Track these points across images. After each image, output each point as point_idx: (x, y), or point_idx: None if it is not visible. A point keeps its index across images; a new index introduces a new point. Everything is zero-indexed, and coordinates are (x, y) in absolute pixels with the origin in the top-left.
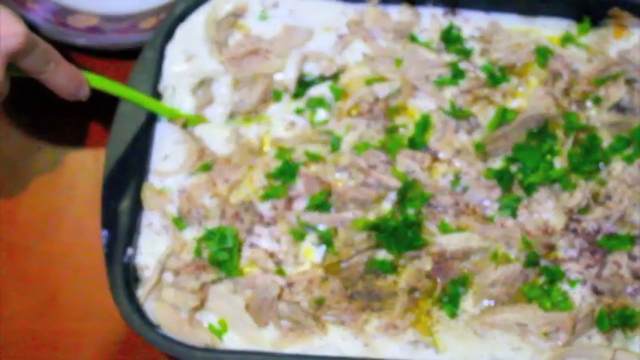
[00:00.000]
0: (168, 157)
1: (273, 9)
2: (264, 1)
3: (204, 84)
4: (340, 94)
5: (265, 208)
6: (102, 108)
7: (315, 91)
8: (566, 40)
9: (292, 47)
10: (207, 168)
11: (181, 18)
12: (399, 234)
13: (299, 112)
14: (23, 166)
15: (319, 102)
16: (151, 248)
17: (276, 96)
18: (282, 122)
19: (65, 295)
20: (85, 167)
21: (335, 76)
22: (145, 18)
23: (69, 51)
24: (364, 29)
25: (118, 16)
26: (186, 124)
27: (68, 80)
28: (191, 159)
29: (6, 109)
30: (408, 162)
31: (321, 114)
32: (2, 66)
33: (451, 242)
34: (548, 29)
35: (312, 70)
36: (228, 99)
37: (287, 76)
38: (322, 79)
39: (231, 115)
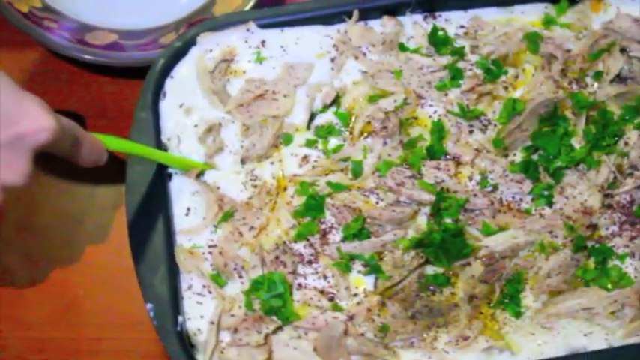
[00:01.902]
0: (191, 211)
1: (262, 48)
2: (251, 42)
3: (212, 131)
4: (346, 118)
5: (301, 246)
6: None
7: (320, 120)
8: (548, 22)
9: (297, 85)
10: (228, 216)
11: (164, 74)
12: (446, 245)
13: (310, 144)
14: (43, 173)
15: (329, 130)
16: (198, 311)
17: (287, 139)
18: (294, 158)
19: (86, 302)
20: (105, 174)
21: (335, 101)
22: (165, 33)
23: (87, 68)
24: (352, 47)
25: (137, 32)
26: (200, 173)
27: (90, 154)
28: (212, 211)
29: None
30: (434, 173)
31: (333, 141)
32: (30, 160)
33: (498, 242)
34: (527, 15)
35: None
36: (238, 146)
37: (298, 119)
38: (325, 107)
39: (243, 161)
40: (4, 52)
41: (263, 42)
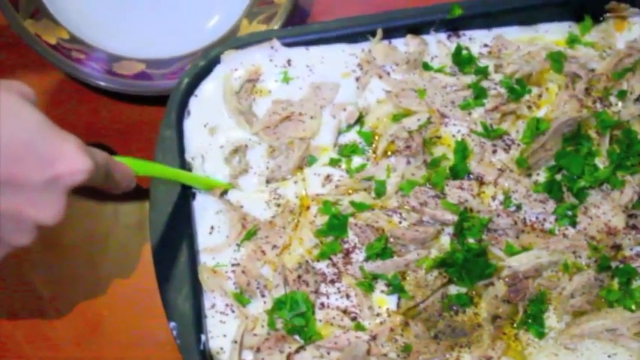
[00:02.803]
0: (214, 229)
1: (288, 67)
2: (276, 60)
3: (238, 152)
4: (370, 137)
5: (324, 265)
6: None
7: (344, 139)
8: (572, 41)
9: (323, 106)
10: (251, 235)
11: (188, 92)
12: (469, 265)
13: (333, 163)
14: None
15: (353, 149)
16: (221, 330)
17: (311, 160)
18: (317, 177)
19: (110, 322)
20: (129, 193)
21: (359, 120)
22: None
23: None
24: (376, 66)
25: (164, 61)
26: (224, 192)
27: (121, 182)
28: (235, 229)
29: None
30: (458, 192)
31: (356, 160)
32: (64, 199)
33: (522, 262)
34: (551, 34)
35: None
36: (263, 167)
37: (324, 140)
38: (349, 126)
39: (267, 182)
40: (27, 76)
41: (289, 61)
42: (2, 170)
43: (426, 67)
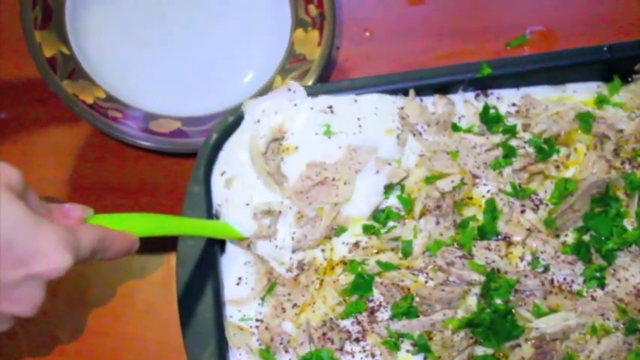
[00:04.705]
0: (242, 280)
1: (328, 115)
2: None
3: (270, 214)
4: (410, 204)
5: (348, 323)
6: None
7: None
8: (601, 101)
9: (358, 170)
10: (272, 288)
11: (216, 148)
12: (496, 326)
13: (366, 230)
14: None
15: (388, 214)
16: None
17: (340, 230)
18: (345, 246)
19: None
20: (155, 249)
21: (400, 182)
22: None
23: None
24: (410, 124)
25: (198, 118)
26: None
27: (118, 252)
28: (261, 283)
29: None
30: (485, 253)
31: (389, 224)
32: (42, 292)
33: (549, 324)
34: (580, 93)
35: None
36: (289, 236)
37: (357, 210)
38: (390, 187)
39: (293, 251)
40: (55, 127)
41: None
42: None
43: (455, 127)
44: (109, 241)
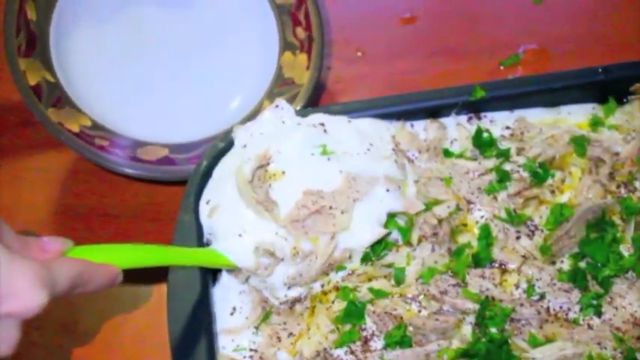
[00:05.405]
0: (236, 310)
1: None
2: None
3: (269, 255)
4: (408, 233)
5: (342, 353)
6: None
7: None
8: (595, 123)
9: (356, 199)
10: (268, 317)
11: (206, 175)
12: (492, 357)
13: (364, 260)
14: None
15: (386, 245)
16: None
17: (339, 268)
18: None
19: None
20: (147, 277)
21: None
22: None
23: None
24: (402, 151)
25: (186, 145)
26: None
27: (99, 285)
28: (256, 312)
29: None
30: (479, 281)
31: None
32: (17, 331)
33: (545, 354)
34: (574, 116)
35: None
36: (284, 275)
37: (358, 239)
38: (392, 215)
39: (288, 287)
40: (42, 152)
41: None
42: None
43: (447, 153)
44: (88, 275)
